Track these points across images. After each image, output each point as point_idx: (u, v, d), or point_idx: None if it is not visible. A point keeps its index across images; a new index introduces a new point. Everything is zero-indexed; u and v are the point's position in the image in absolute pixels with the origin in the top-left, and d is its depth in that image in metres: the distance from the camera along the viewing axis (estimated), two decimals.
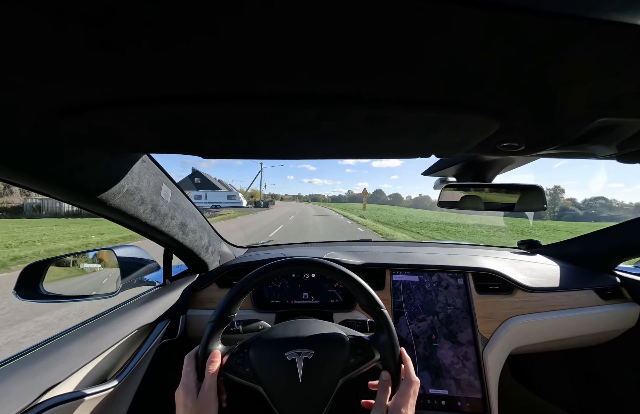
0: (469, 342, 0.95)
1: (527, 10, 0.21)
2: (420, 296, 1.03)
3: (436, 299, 1.02)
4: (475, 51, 0.26)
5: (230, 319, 0.56)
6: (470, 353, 0.94)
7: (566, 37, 0.24)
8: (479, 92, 0.34)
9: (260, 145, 0.50)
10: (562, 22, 0.22)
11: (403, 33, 0.23)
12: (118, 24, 0.22)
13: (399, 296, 1.04)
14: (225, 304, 0.55)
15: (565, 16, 0.21)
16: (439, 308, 1.01)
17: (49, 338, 0.65)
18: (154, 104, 0.34)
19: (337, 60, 0.27)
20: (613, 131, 0.47)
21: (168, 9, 0.21)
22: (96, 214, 0.64)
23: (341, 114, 0.38)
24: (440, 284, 1.04)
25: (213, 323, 0.54)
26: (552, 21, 0.22)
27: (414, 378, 0.53)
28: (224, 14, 0.21)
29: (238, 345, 0.56)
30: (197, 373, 0.52)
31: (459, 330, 0.97)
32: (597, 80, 0.31)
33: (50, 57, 0.26)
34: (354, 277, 0.57)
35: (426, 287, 1.04)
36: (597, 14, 0.21)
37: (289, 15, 0.22)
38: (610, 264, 1.13)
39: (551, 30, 0.23)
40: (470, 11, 0.21)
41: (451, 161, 0.81)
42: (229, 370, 0.53)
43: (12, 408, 0.49)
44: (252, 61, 0.27)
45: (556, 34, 0.24)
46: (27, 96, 0.32)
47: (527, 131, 0.46)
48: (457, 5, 0.20)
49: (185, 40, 0.24)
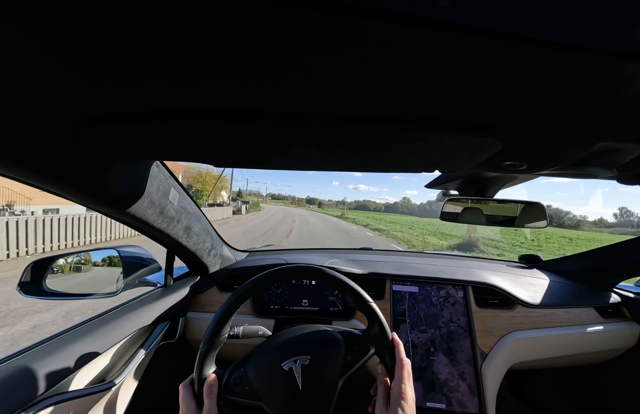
0: (467, 356, 0.95)
1: (532, 40, 0.22)
2: (425, 308, 1.03)
3: (440, 314, 1.01)
4: (483, 76, 0.27)
5: (222, 340, 0.55)
6: (469, 367, 0.93)
7: (569, 65, 0.25)
8: (484, 114, 0.35)
9: (271, 157, 0.51)
10: (565, 51, 0.23)
11: (416, 61, 0.25)
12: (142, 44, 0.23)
13: (404, 303, 1.04)
14: (214, 326, 0.54)
15: (568, 46, 0.22)
16: (442, 323, 1.00)
17: (50, 336, 0.65)
18: (172, 117, 0.36)
19: (348, 83, 0.28)
20: (614, 154, 0.48)
21: (184, 37, 0.22)
22: (105, 216, 0.66)
23: (349, 131, 0.39)
24: (447, 299, 1.03)
25: (205, 346, 0.52)
26: (556, 50, 0.23)
27: (404, 358, 0.53)
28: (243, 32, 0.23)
29: (233, 365, 0.55)
30: (195, 401, 0.50)
31: (459, 348, 0.96)
32: (598, 106, 0.32)
33: (90, 62, 0.26)
34: (339, 278, 0.58)
35: (432, 301, 1.04)
36: (598, 45, 0.22)
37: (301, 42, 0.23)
38: (611, 282, 1.13)
39: (555, 59, 0.24)
40: (478, 39, 0.22)
41: (454, 175, 0.82)
42: (228, 392, 0.52)
43: (12, 405, 0.50)
44: (263, 80, 0.28)
45: (559, 62, 0.25)
46: (63, 101, 0.34)
47: (529, 152, 0.47)
48: (464, 34, 0.22)
49: (203, 60, 0.25)
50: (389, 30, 0.21)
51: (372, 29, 0.21)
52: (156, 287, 0.97)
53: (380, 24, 0.21)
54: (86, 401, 0.62)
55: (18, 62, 0.26)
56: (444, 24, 0.20)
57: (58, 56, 0.25)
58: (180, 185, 0.79)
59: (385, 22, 0.20)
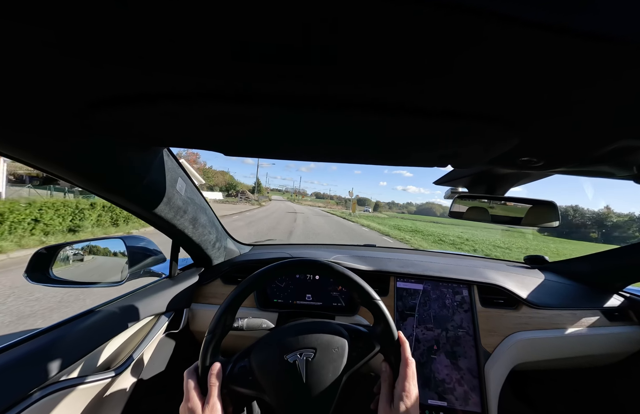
0: (470, 360, 0.94)
1: (553, 29, 0.21)
2: (437, 308, 1.02)
3: (451, 317, 1.00)
4: (501, 65, 0.26)
5: (227, 330, 0.55)
6: (472, 366, 0.93)
7: (592, 58, 0.24)
8: (501, 105, 0.34)
9: (280, 146, 0.50)
10: (589, 43, 0.22)
11: (432, 45, 0.24)
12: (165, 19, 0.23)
13: (416, 298, 1.03)
14: (220, 316, 0.54)
15: (592, 36, 0.21)
16: (450, 326, 0.99)
17: (54, 324, 0.65)
18: (181, 100, 0.35)
19: (360, 66, 0.27)
20: (634, 153, 0.47)
21: (188, 17, 0.21)
22: (112, 203, 0.65)
23: (360, 119, 0.38)
24: (461, 305, 1.02)
25: (211, 335, 0.53)
26: (579, 41, 0.22)
27: (409, 358, 0.54)
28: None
29: (238, 354, 0.55)
30: (199, 388, 0.50)
31: (463, 353, 0.96)
32: (621, 102, 0.31)
33: (102, 42, 0.26)
34: (347, 274, 0.58)
35: (445, 302, 1.03)
36: (625, 37, 0.21)
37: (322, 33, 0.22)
38: (618, 285, 1.12)
39: (577, 51, 0.23)
40: (499, 27, 0.21)
41: (465, 171, 0.81)
42: (231, 381, 0.52)
43: (17, 391, 0.50)
44: (270, 62, 0.28)
45: (582, 55, 0.24)
46: (71, 81, 0.33)
47: (547, 147, 0.46)
48: (485, 21, 0.21)
49: (217, 45, 0.25)
50: (406, 15, 0.20)
51: (390, 14, 0.20)
52: (161, 277, 0.98)
53: (399, 8, 0.20)
54: (90, 389, 0.62)
55: (20, 44, 0.25)
56: (456, 6, 0.19)
57: (57, 36, 0.24)
58: (187, 175, 0.79)
59: (404, 5, 0.19)
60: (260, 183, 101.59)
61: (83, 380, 0.60)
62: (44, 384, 0.54)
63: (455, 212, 0.89)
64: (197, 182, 1.92)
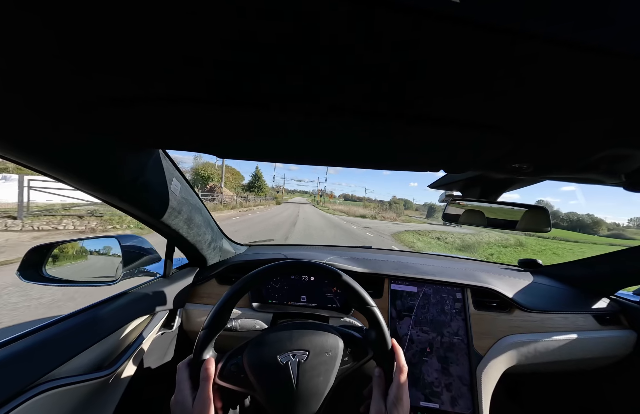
0: (462, 362, 0.95)
1: (542, 38, 0.22)
2: (435, 312, 1.02)
3: (449, 323, 1.00)
4: (494, 74, 0.26)
5: (222, 326, 0.55)
6: (462, 374, 0.94)
7: (582, 68, 0.24)
8: (493, 113, 0.35)
9: (274, 149, 0.51)
10: (578, 53, 0.23)
11: (429, 55, 0.24)
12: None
13: (415, 300, 1.04)
14: (217, 312, 0.54)
15: (583, 47, 0.22)
16: (446, 332, 0.99)
17: (47, 322, 0.65)
18: (176, 103, 0.35)
19: (356, 75, 0.28)
20: (622, 161, 0.48)
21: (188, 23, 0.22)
22: (106, 204, 0.65)
23: (356, 125, 0.39)
24: (460, 313, 1.02)
25: (206, 330, 0.53)
26: (570, 52, 0.23)
27: (404, 365, 0.54)
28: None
29: (231, 351, 0.55)
30: (191, 383, 0.51)
31: (455, 360, 0.96)
32: (609, 112, 0.32)
33: (100, 47, 0.26)
34: (343, 277, 0.58)
35: (444, 308, 1.03)
36: (617, 49, 0.22)
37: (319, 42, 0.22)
38: (610, 289, 1.13)
39: (568, 61, 0.24)
40: (493, 37, 0.22)
41: (459, 176, 0.81)
42: (223, 378, 0.52)
43: (9, 390, 0.50)
44: (264, 73, 0.28)
45: (573, 65, 0.24)
46: (66, 84, 0.33)
47: (537, 154, 0.47)
48: (481, 31, 0.21)
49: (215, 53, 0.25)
50: (404, 24, 0.21)
51: (388, 22, 0.21)
52: (156, 277, 0.97)
53: (395, 17, 0.20)
54: (83, 388, 0.62)
55: (17, 42, 0.25)
56: (456, 19, 0.20)
57: (54, 36, 0.24)
58: (182, 176, 0.79)
59: (402, 15, 0.20)
60: (261, 176, 71.71)
61: (75, 379, 0.60)
62: (36, 383, 0.53)
63: (450, 216, 0.90)
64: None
